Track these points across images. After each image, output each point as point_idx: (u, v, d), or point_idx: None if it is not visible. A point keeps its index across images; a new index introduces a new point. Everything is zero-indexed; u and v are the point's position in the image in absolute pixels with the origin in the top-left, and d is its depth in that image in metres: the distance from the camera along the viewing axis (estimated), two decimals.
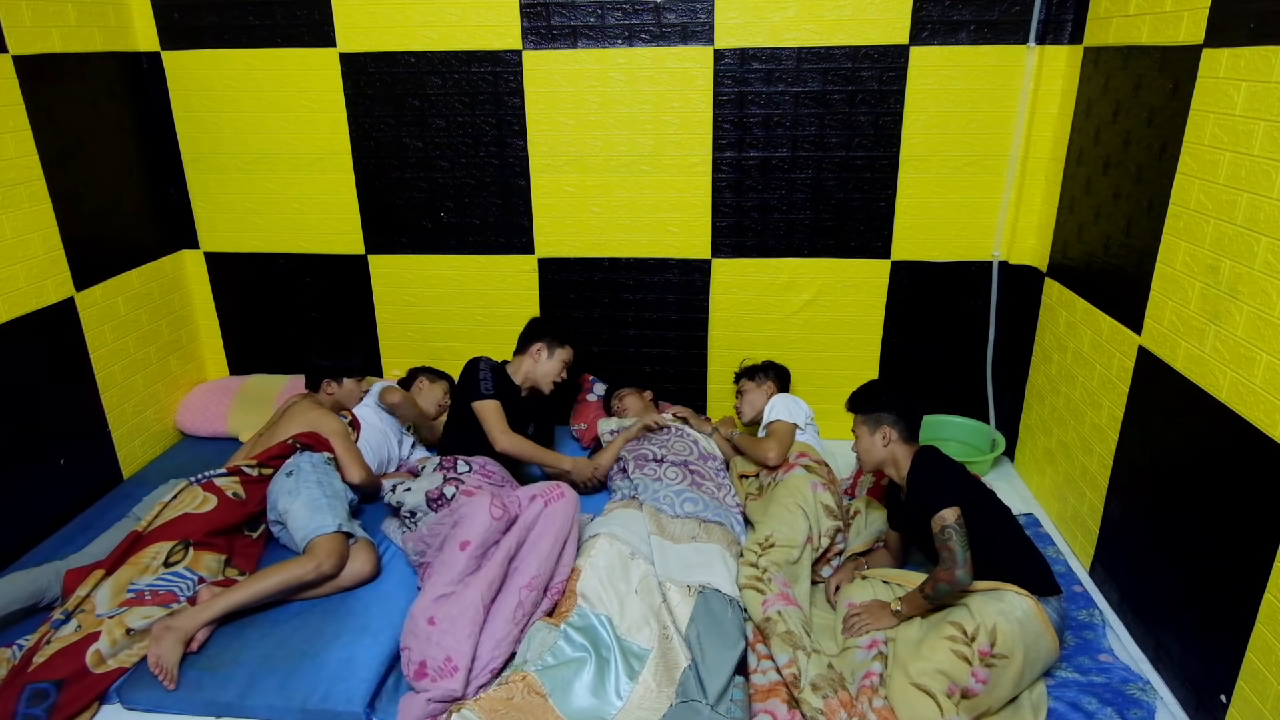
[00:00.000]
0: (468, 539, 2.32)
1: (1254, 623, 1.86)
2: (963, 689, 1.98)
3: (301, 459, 2.68)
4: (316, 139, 3.31)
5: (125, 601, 2.29)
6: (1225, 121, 1.99)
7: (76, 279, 2.95)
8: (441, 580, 2.28)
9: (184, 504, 2.54)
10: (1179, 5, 2.19)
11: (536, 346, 3.00)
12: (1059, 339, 2.90)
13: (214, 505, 2.55)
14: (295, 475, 2.60)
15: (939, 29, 2.95)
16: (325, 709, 2.11)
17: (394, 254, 3.46)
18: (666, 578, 2.36)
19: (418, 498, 2.59)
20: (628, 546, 2.45)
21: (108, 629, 2.19)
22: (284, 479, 2.62)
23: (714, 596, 2.31)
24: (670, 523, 2.59)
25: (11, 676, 2.08)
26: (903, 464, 2.33)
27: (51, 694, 2.06)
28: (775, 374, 3.22)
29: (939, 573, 2.09)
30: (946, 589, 2.08)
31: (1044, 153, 3.00)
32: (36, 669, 2.09)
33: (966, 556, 2.06)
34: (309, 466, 2.64)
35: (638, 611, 2.28)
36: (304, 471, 2.62)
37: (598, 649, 2.17)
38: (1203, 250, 2.07)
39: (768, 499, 2.75)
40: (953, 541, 2.07)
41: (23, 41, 2.72)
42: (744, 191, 3.22)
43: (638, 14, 3.03)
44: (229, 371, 3.74)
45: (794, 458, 2.85)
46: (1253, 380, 1.88)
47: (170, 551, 2.42)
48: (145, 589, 2.33)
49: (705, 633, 2.20)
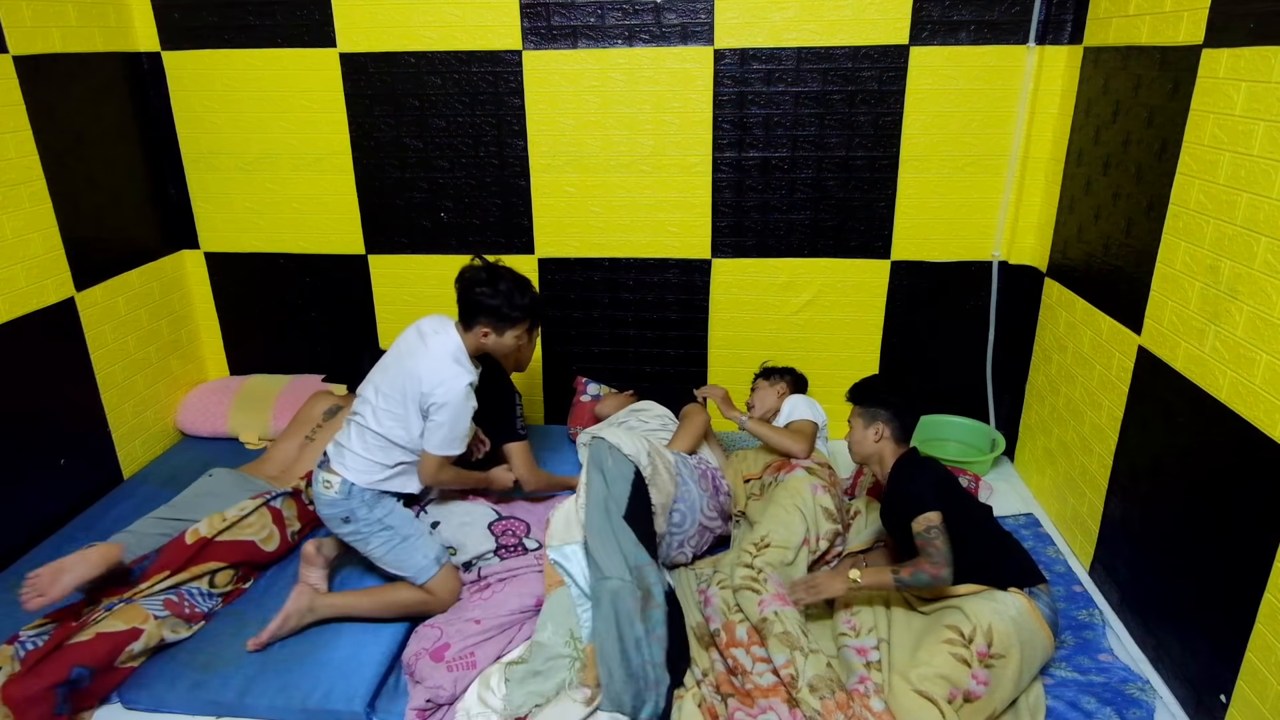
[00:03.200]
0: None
1: (1254, 623, 1.86)
2: (965, 692, 1.98)
3: (354, 503, 2.37)
4: (316, 139, 3.31)
5: (169, 603, 2.30)
6: (1225, 121, 1.99)
7: (76, 279, 2.95)
8: (496, 607, 2.35)
9: (253, 529, 2.53)
10: (1179, 5, 2.19)
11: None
12: (1059, 339, 2.90)
13: (275, 546, 2.57)
14: (353, 524, 2.36)
15: (939, 29, 2.95)
16: (325, 709, 2.12)
17: (394, 254, 3.46)
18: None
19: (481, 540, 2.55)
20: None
21: (150, 631, 2.21)
22: (341, 525, 2.38)
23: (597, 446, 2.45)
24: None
25: (54, 649, 2.08)
26: (888, 463, 2.34)
27: (84, 680, 2.08)
28: (792, 378, 3.21)
29: (923, 563, 2.08)
30: (927, 581, 2.08)
31: (1044, 153, 3.00)
32: (80, 647, 2.09)
33: (951, 557, 2.08)
34: (364, 511, 2.36)
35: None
36: (360, 520, 2.36)
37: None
38: (1203, 250, 2.07)
39: (767, 499, 2.74)
40: (938, 540, 2.08)
41: (23, 41, 2.72)
42: (744, 191, 3.22)
43: (638, 14, 3.04)
44: (229, 371, 3.74)
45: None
46: (1253, 380, 1.88)
47: (220, 573, 2.43)
48: (187, 601, 2.34)
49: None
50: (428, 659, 2.16)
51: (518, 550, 2.54)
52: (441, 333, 2.42)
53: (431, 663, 2.15)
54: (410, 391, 2.33)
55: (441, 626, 2.26)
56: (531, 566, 2.48)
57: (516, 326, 2.43)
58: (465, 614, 2.32)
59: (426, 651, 2.18)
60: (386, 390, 2.37)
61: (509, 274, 2.43)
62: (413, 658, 2.19)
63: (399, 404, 2.34)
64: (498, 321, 2.39)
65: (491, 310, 2.37)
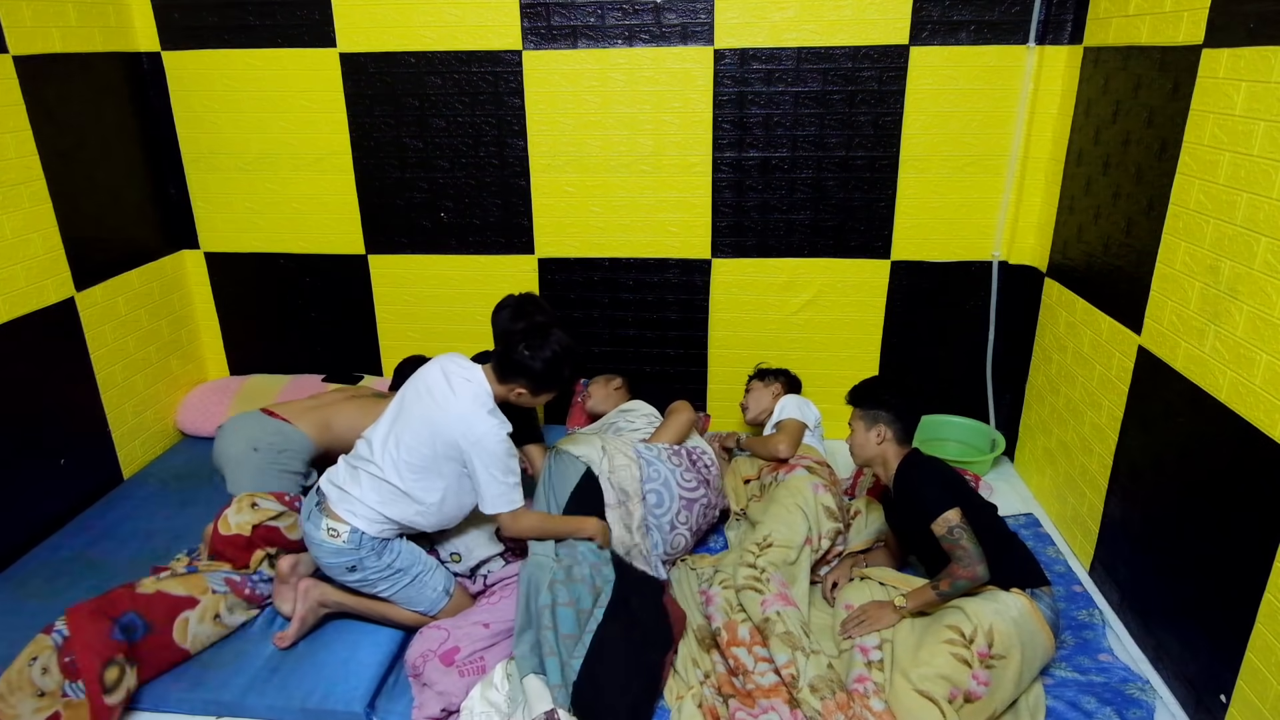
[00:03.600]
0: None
1: (1254, 623, 1.86)
2: (965, 693, 1.98)
3: (363, 552, 2.25)
4: (316, 139, 3.31)
5: (229, 580, 2.34)
6: (1225, 121, 1.99)
7: (76, 279, 2.95)
8: (504, 612, 2.33)
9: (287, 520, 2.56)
10: (1179, 5, 2.19)
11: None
12: (1059, 339, 2.90)
13: (298, 536, 2.58)
14: (360, 571, 2.24)
15: (939, 29, 2.95)
16: (325, 709, 2.11)
17: (394, 254, 3.46)
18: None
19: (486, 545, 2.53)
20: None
21: (206, 603, 2.25)
22: (347, 574, 2.26)
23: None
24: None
25: (125, 589, 2.17)
26: (891, 465, 2.33)
27: (138, 630, 2.12)
28: (786, 379, 3.24)
29: (956, 569, 2.08)
30: (966, 584, 2.08)
31: (1044, 153, 3.00)
32: (138, 595, 2.17)
33: (980, 552, 2.07)
34: (373, 560, 2.25)
35: None
36: (369, 568, 2.24)
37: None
38: (1203, 250, 2.07)
39: (768, 499, 2.74)
40: (965, 540, 2.08)
41: (23, 41, 2.72)
42: (744, 191, 3.22)
43: (638, 14, 3.03)
44: (229, 371, 3.74)
45: (795, 459, 2.85)
46: (1253, 380, 1.88)
47: (279, 555, 2.46)
48: (248, 582, 2.39)
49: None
50: (437, 662, 2.13)
51: (524, 554, 2.54)
52: (471, 380, 2.25)
53: (442, 666, 2.12)
54: (440, 447, 2.19)
55: (448, 628, 2.23)
56: None
57: (552, 393, 2.32)
58: (473, 617, 2.30)
59: (434, 654, 2.15)
60: (410, 442, 2.21)
61: (556, 341, 2.25)
62: (419, 659, 2.15)
63: (427, 458, 2.20)
64: (536, 387, 2.26)
65: (533, 376, 2.23)
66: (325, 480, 2.30)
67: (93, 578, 2.56)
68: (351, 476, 2.26)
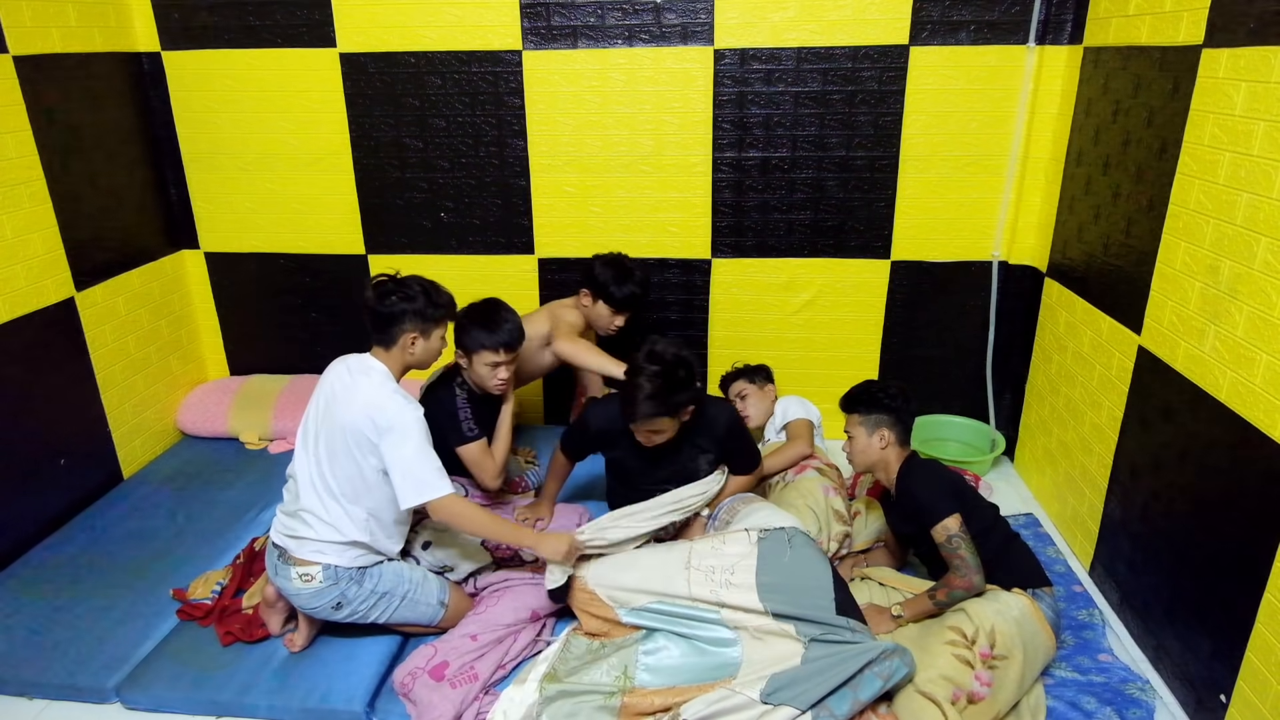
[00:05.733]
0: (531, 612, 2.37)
1: (1254, 623, 1.86)
2: (968, 694, 1.98)
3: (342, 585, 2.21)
4: (316, 139, 3.31)
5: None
6: (1225, 121, 1.99)
7: (77, 279, 2.95)
8: (491, 621, 2.31)
9: None
10: (1179, 5, 2.19)
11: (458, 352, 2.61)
12: (1059, 339, 2.90)
13: None
14: (347, 606, 2.21)
15: (939, 29, 2.95)
16: (325, 709, 2.12)
17: (394, 254, 3.46)
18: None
19: (475, 556, 2.51)
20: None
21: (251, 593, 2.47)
22: (334, 612, 2.22)
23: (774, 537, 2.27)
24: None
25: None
26: (893, 468, 2.33)
27: None
28: (767, 375, 3.20)
29: (953, 580, 2.09)
30: (962, 594, 2.09)
31: (1044, 153, 3.00)
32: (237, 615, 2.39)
33: (978, 561, 2.08)
34: (354, 589, 2.21)
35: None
36: (354, 599, 2.20)
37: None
38: (1202, 250, 2.08)
39: (777, 500, 2.73)
40: (963, 549, 2.08)
41: (23, 41, 2.72)
42: (744, 191, 3.22)
43: (638, 14, 3.04)
44: (229, 371, 3.74)
45: (805, 460, 2.84)
46: (1253, 380, 1.88)
47: None
48: None
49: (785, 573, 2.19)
50: (426, 678, 2.11)
51: (514, 561, 2.54)
52: (371, 370, 2.20)
53: (432, 682, 2.10)
54: (357, 453, 2.13)
55: (436, 645, 2.21)
56: (526, 578, 2.45)
57: (441, 325, 2.28)
58: (460, 630, 2.28)
59: (424, 670, 2.13)
60: (333, 466, 2.15)
61: (417, 277, 2.27)
62: (408, 678, 2.13)
63: (354, 475, 2.15)
64: (423, 322, 2.22)
65: (415, 312, 2.20)
66: (275, 535, 2.23)
67: (93, 578, 2.56)
68: (298, 523, 2.18)
